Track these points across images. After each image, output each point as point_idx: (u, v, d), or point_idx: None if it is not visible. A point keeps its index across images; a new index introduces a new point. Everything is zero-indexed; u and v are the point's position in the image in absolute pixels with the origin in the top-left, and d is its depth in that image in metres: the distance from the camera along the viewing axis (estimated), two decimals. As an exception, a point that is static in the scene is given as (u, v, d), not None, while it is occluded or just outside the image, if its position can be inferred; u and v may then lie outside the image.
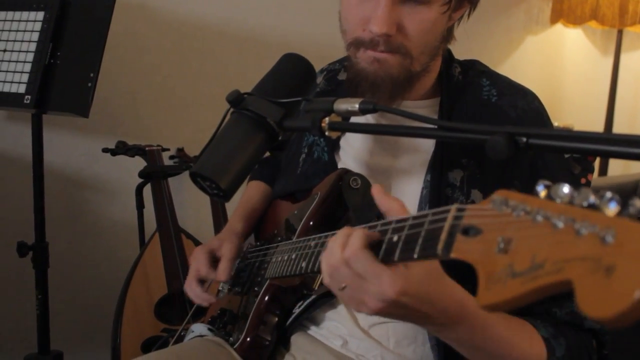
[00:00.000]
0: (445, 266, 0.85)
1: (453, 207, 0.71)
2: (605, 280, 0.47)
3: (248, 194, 1.53)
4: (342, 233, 0.85)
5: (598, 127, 3.68)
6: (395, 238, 0.79)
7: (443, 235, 0.69)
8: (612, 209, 0.52)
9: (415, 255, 0.74)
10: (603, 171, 3.67)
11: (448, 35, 1.21)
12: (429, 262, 0.81)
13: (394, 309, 0.82)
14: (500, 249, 0.59)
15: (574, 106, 3.91)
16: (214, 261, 1.35)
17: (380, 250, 0.81)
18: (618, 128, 3.65)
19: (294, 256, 1.10)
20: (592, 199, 0.54)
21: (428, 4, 1.09)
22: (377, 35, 1.09)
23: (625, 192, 3.44)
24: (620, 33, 3.60)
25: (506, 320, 0.97)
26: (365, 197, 1.16)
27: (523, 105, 1.18)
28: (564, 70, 3.92)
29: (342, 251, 0.82)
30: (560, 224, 0.54)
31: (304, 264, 1.04)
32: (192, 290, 1.35)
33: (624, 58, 3.63)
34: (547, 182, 0.60)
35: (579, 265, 0.50)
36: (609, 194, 0.53)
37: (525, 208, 0.59)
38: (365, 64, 1.14)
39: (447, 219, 0.70)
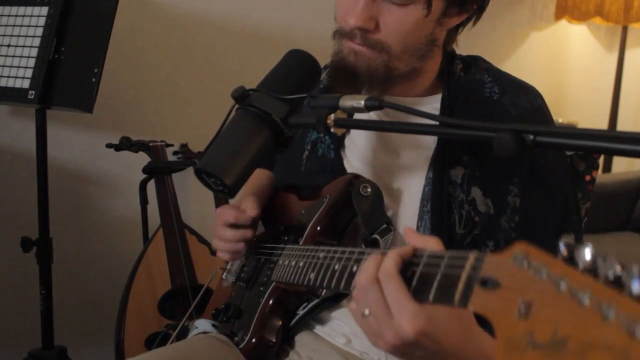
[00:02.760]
0: None
1: (471, 256, 0.69)
2: None
3: (257, 177, 1.49)
4: (376, 255, 0.81)
5: (602, 123, 3.67)
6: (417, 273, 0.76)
7: (460, 286, 0.68)
8: (636, 289, 0.51)
9: (431, 298, 0.72)
10: (607, 168, 3.67)
11: (447, 38, 1.21)
12: (460, 311, 0.72)
13: (410, 349, 0.77)
14: (521, 314, 0.58)
15: (578, 102, 3.90)
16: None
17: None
18: (622, 124, 3.64)
19: (301, 264, 1.09)
20: (617, 270, 0.53)
21: (404, 5, 1.08)
22: (354, 28, 1.11)
23: (629, 188, 3.44)
24: (624, 29, 3.59)
25: None
26: (374, 203, 1.16)
27: (525, 103, 1.17)
28: (569, 66, 3.91)
29: (376, 272, 0.79)
30: (586, 301, 0.53)
31: (312, 276, 1.03)
32: (223, 236, 1.28)
33: (628, 54, 3.63)
34: (570, 241, 0.58)
35: (604, 354, 0.49)
36: (635, 270, 0.52)
37: (548, 272, 0.57)
38: (345, 54, 1.15)
39: (465, 267, 0.69)
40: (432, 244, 0.81)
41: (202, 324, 1.38)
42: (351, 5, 1.11)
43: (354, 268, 0.91)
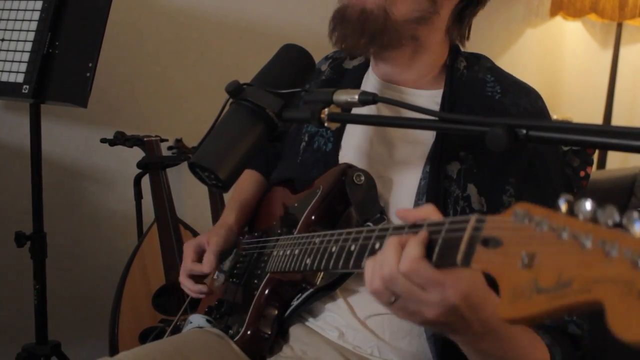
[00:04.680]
0: None
1: (472, 217, 0.70)
2: (638, 304, 0.47)
3: (242, 184, 1.52)
4: (393, 244, 0.79)
5: (597, 119, 3.67)
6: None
7: (462, 245, 0.68)
8: (638, 229, 0.52)
9: (433, 260, 0.73)
10: (601, 164, 3.67)
11: (453, 29, 1.22)
12: (475, 271, 0.73)
13: (447, 317, 0.77)
14: (524, 264, 0.58)
15: (573, 99, 3.91)
16: (201, 256, 1.36)
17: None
18: (617, 121, 3.65)
19: (297, 252, 1.09)
20: (617, 217, 0.54)
21: None
22: None
23: (623, 185, 3.44)
24: (619, 26, 3.59)
25: (522, 329, 0.95)
26: (368, 193, 1.16)
27: (525, 104, 1.18)
28: (564, 63, 3.91)
29: (399, 264, 0.76)
30: (589, 244, 0.54)
31: (308, 261, 1.04)
32: (184, 284, 1.36)
33: (623, 51, 3.63)
34: (569, 196, 0.59)
35: (610, 287, 0.50)
36: (635, 214, 0.53)
37: (550, 224, 0.58)
38: (344, 3, 1.17)
39: (467, 228, 0.69)
40: (430, 213, 0.81)
41: (197, 319, 1.38)
42: None
43: (352, 247, 0.91)
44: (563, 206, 0.59)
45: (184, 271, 1.36)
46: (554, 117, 3.67)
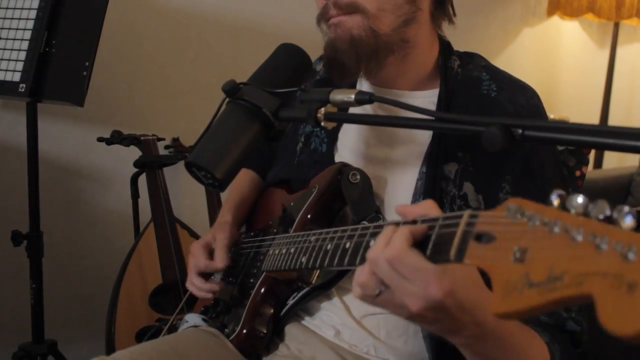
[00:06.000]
0: None
1: (465, 213, 0.70)
2: (628, 297, 0.47)
3: (237, 183, 1.52)
4: (384, 233, 0.79)
5: (594, 119, 3.68)
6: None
7: (456, 241, 0.69)
8: (628, 222, 0.52)
9: (427, 254, 0.73)
10: (598, 164, 3.68)
11: (435, 12, 1.22)
12: (469, 267, 0.73)
13: (433, 313, 0.77)
14: (516, 258, 0.58)
15: (570, 98, 3.91)
16: (211, 254, 1.36)
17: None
18: (614, 120, 3.65)
19: (292, 250, 1.09)
20: (608, 211, 0.54)
21: None
22: None
23: (620, 184, 3.45)
24: (616, 26, 3.60)
25: (520, 328, 0.94)
26: (363, 191, 1.16)
27: (522, 101, 1.18)
28: (561, 62, 3.92)
29: (384, 250, 0.77)
30: (579, 237, 0.54)
31: (304, 259, 1.04)
32: (194, 284, 1.35)
33: (620, 50, 3.64)
34: (561, 192, 0.59)
35: (600, 280, 0.50)
36: (626, 208, 0.53)
37: (541, 218, 0.59)
38: (330, 33, 1.17)
39: (460, 224, 0.69)
40: (429, 209, 0.81)
41: (193, 318, 1.38)
42: None
43: (347, 244, 0.91)
44: (555, 201, 0.59)
45: (194, 270, 1.35)
46: (551, 116, 3.69)
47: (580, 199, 0.57)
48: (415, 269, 0.75)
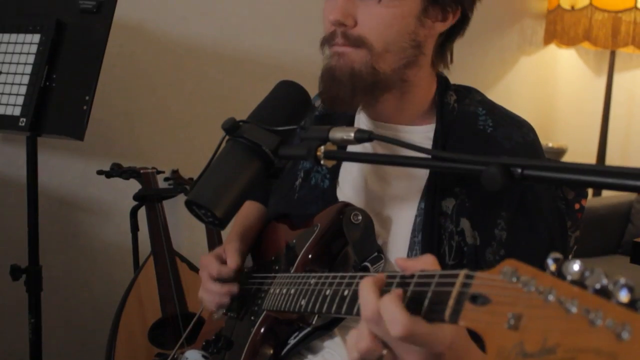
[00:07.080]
0: None
1: (461, 273, 0.70)
2: None
3: (244, 213, 1.51)
4: (366, 287, 0.79)
5: (591, 146, 3.69)
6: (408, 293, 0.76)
7: (451, 302, 0.68)
8: (623, 297, 0.52)
9: (422, 315, 0.73)
10: (597, 191, 3.68)
11: (436, 57, 1.22)
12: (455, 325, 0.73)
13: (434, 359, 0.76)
14: (511, 325, 0.58)
15: (567, 126, 3.93)
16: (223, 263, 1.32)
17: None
18: (611, 148, 3.66)
19: (292, 291, 1.09)
20: (605, 280, 0.54)
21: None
22: (333, 24, 1.14)
23: (620, 212, 3.45)
24: (612, 54, 3.63)
25: None
26: (365, 232, 1.16)
27: (518, 138, 1.18)
28: (558, 91, 3.94)
29: (377, 302, 0.76)
30: (574, 309, 0.54)
31: (303, 302, 1.03)
32: (211, 290, 1.30)
33: (616, 78, 3.66)
34: (558, 256, 0.59)
35: (593, 358, 0.50)
36: (622, 280, 0.53)
37: (536, 285, 0.58)
38: (330, 59, 1.18)
39: (455, 284, 0.69)
40: (428, 264, 0.81)
41: (193, 355, 1.36)
42: (331, 5, 1.15)
43: (345, 292, 0.91)
44: (552, 266, 0.59)
45: (209, 278, 1.30)
46: (549, 145, 3.70)
47: (576, 266, 0.57)
48: (424, 335, 0.73)
